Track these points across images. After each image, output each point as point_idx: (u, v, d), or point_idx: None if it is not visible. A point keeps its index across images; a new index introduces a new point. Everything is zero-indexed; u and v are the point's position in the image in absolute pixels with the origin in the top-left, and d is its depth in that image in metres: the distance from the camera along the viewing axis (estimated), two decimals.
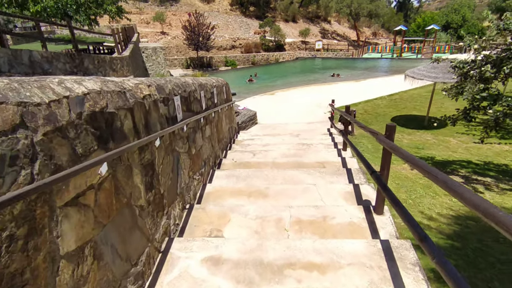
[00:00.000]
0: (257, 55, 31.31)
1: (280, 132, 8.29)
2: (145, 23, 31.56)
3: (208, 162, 4.34)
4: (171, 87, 2.96)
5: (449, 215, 3.38)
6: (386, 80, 16.15)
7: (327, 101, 11.99)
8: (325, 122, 9.32)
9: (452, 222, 3.21)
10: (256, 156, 5.50)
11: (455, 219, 3.26)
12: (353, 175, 4.13)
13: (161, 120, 2.60)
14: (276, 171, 4.32)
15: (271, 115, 10.45)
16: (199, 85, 4.12)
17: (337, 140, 6.72)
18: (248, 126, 9.13)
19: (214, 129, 4.97)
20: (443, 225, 3.19)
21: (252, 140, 7.06)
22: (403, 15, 56.72)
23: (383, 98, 11.95)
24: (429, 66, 7.78)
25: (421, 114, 9.78)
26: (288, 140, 6.91)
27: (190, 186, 3.37)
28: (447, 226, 3.16)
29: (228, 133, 6.60)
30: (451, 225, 3.15)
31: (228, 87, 7.15)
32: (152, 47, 19.03)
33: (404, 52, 30.98)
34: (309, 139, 6.94)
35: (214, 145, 4.88)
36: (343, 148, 5.53)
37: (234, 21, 37.58)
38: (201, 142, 4.00)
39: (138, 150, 2.12)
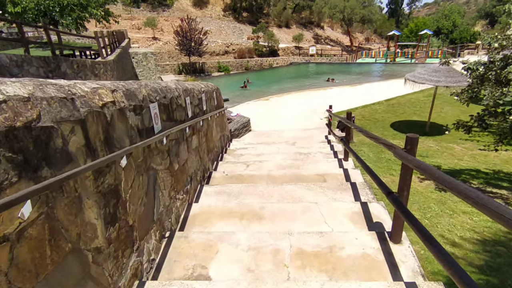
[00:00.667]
0: (251, 61, 31.00)
1: (275, 140, 7.83)
2: (137, 28, 31.08)
3: (195, 177, 3.85)
4: (146, 93, 2.48)
5: (474, 239, 2.94)
6: (382, 85, 15.88)
7: (323, 107, 11.61)
8: (322, 129, 8.90)
9: (479, 249, 2.77)
10: (250, 168, 5.01)
11: (482, 245, 2.83)
12: (359, 190, 3.67)
13: (131, 133, 2.11)
14: (271, 186, 3.84)
15: (266, 122, 10.01)
16: (184, 90, 3.64)
17: (336, 148, 6.28)
18: (242, 133, 8.66)
19: (202, 139, 4.49)
20: (470, 253, 2.75)
21: (246, 149, 6.59)
22: (395, 21, 57.34)
23: (381, 103, 11.62)
24: (430, 70, 7.44)
25: (421, 119, 9.43)
26: (284, 149, 6.45)
27: (171, 209, 2.86)
28: (475, 254, 2.72)
29: (219, 142, 6.12)
30: (479, 253, 2.71)
31: (219, 93, 6.69)
32: (143, 52, 18.53)
33: (398, 57, 31.00)
34: (306, 147, 6.49)
35: (202, 157, 4.39)
36: (344, 158, 5.08)
37: (227, 27, 37.34)
38: (186, 155, 3.51)
39: (93, 174, 1.63)
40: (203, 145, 4.52)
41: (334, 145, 6.48)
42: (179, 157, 3.22)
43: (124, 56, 13.71)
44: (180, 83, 3.80)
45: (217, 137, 5.86)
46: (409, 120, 9.40)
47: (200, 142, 4.30)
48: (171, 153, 2.97)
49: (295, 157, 5.61)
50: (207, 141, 4.86)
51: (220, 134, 6.31)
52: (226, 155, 6.00)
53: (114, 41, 13.09)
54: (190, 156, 3.67)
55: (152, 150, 2.50)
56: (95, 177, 1.65)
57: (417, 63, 28.32)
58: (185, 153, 3.49)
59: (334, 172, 4.42)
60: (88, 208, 1.58)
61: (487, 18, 52.68)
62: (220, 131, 6.37)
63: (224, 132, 7.00)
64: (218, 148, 5.89)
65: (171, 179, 2.92)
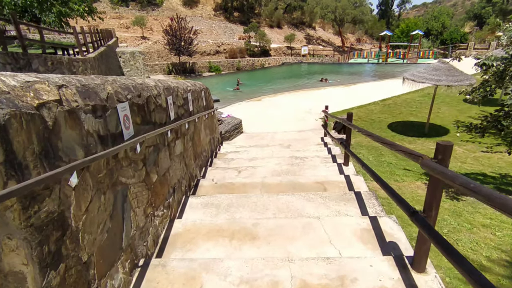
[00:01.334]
0: (242, 61, 30.54)
1: (269, 142, 7.40)
2: (125, 27, 30.29)
3: (179, 187, 3.38)
4: (113, 90, 2.01)
5: (504, 261, 2.56)
6: (377, 85, 15.63)
7: (318, 107, 11.24)
8: (317, 130, 8.52)
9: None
10: (242, 175, 4.56)
11: None
12: (365, 200, 3.26)
13: (88, 141, 1.65)
14: (266, 197, 3.40)
15: (258, 123, 9.57)
16: (165, 88, 3.17)
17: (334, 151, 5.88)
18: (233, 136, 8.20)
19: (188, 144, 4.02)
20: (504, 279, 2.36)
21: (237, 153, 6.13)
22: (385, 22, 57.75)
23: (376, 103, 11.31)
24: (430, 68, 7.12)
25: (419, 120, 9.14)
26: (278, 152, 6.02)
27: (147, 230, 2.39)
28: (509, 280, 2.33)
29: (208, 146, 5.65)
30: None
31: (208, 92, 6.22)
32: (130, 51, 17.90)
33: (389, 57, 31.00)
34: (302, 150, 6.07)
35: (188, 163, 3.92)
36: (344, 163, 4.68)
37: (218, 26, 36.81)
38: (167, 163, 3.04)
39: (20, 202, 1.16)
40: (189, 150, 4.05)
41: (331, 148, 6.08)
42: (158, 166, 2.75)
43: (109, 55, 13.10)
44: (161, 81, 3.33)
45: (206, 140, 5.39)
46: (406, 121, 9.09)
47: (185, 147, 3.83)
48: (147, 162, 2.50)
49: (291, 162, 5.19)
50: (194, 146, 4.39)
51: (209, 137, 5.85)
52: (216, 159, 5.53)
53: (98, 39, 12.48)
54: (173, 164, 3.20)
55: (120, 161, 2.04)
56: (23, 205, 1.18)
57: (409, 63, 28.33)
58: (167, 161, 3.02)
59: (335, 179, 4.00)
60: (9, 251, 1.11)
61: (475, 19, 53.45)
62: (209, 134, 5.91)
63: (214, 135, 6.53)
64: (207, 152, 5.43)
65: (147, 193, 2.45)
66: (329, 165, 4.75)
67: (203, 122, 5.35)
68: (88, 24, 22.45)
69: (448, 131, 7.97)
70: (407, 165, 5.56)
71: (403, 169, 5.25)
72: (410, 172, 5.12)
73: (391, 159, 5.95)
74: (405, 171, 5.14)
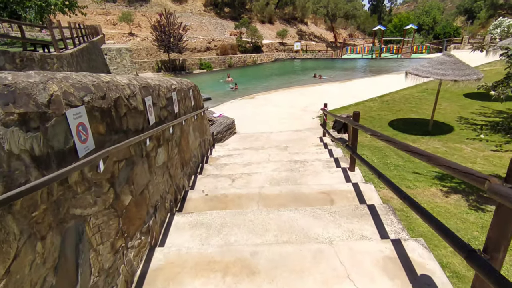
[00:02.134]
0: (234, 57, 29.89)
1: (264, 144, 6.90)
2: (112, 24, 29.28)
3: (162, 204, 2.85)
4: (60, 91, 1.48)
5: None
6: (373, 80, 15.23)
7: (314, 105, 10.78)
8: (314, 129, 8.05)
9: None
10: (236, 184, 4.06)
11: None
12: (381, 216, 2.79)
13: (9, 166, 1.12)
14: (265, 213, 2.91)
15: (252, 123, 9.05)
16: (142, 87, 2.64)
17: (336, 154, 5.42)
18: (225, 137, 7.68)
19: (174, 151, 3.49)
20: None
21: (231, 156, 5.61)
22: (377, 17, 57.62)
23: (374, 100, 10.90)
24: (435, 62, 6.69)
25: (420, 117, 8.75)
26: (276, 156, 5.53)
27: (116, 270, 1.87)
28: None
29: (198, 150, 5.12)
30: None
31: (197, 91, 5.68)
32: (116, 48, 17.13)
33: (383, 52, 30.75)
34: (301, 153, 5.59)
35: (174, 174, 3.39)
36: (350, 168, 4.21)
37: (208, 22, 36.00)
38: (146, 177, 2.51)
39: None
40: (175, 159, 3.52)
41: (332, 150, 5.61)
42: (133, 184, 2.23)
43: (93, 52, 12.36)
44: (138, 78, 2.78)
45: (195, 144, 4.86)
46: (407, 118, 8.69)
47: (170, 155, 3.30)
48: (117, 182, 1.97)
49: (290, 167, 4.70)
50: (181, 152, 3.86)
51: (199, 140, 5.32)
52: (207, 165, 5.00)
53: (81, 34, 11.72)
54: (153, 178, 2.68)
55: (73, 187, 1.51)
56: None
57: (403, 58, 28.11)
58: (145, 176, 2.49)
59: (342, 189, 3.53)
60: None
61: (465, 14, 53.68)
62: (199, 136, 5.37)
63: (204, 137, 6.00)
64: (197, 157, 4.90)
65: (117, 221, 1.93)
66: (333, 171, 4.27)
67: (192, 124, 4.81)
68: (73, 21, 21.52)
69: (452, 128, 7.59)
70: (415, 168, 5.13)
71: (413, 172, 4.81)
72: (421, 176, 4.68)
73: (397, 160, 5.52)
74: (415, 175, 4.70)
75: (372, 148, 6.30)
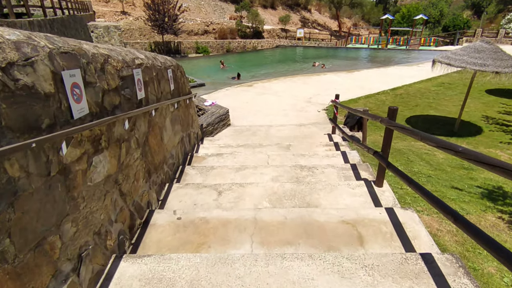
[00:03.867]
0: (233, 42, 28.37)
1: (262, 140, 5.81)
2: (104, 1, 27.51)
3: (97, 246, 1.78)
4: None
5: None
6: (382, 71, 14.05)
7: (318, 96, 9.66)
8: (321, 124, 6.97)
9: None
10: (223, 199, 2.99)
11: None
12: (446, 277, 1.75)
13: None
14: (263, 263, 1.87)
15: (249, 114, 7.94)
16: (58, 53, 1.52)
17: (351, 157, 4.36)
18: (217, 129, 6.57)
19: (133, 155, 2.39)
20: None
21: (221, 156, 4.52)
22: (382, 8, 55.84)
23: (386, 92, 9.78)
24: (471, 49, 5.57)
25: (441, 114, 7.69)
26: (276, 157, 4.45)
27: None
28: None
29: (179, 148, 4.02)
30: None
31: (181, 72, 4.53)
32: (104, 26, 15.71)
33: (389, 44, 29.41)
34: (308, 155, 4.51)
35: (130, 190, 2.30)
36: (377, 182, 3.16)
37: (207, 4, 34.18)
38: (57, 211, 1.43)
39: None
40: (135, 166, 2.42)
41: (347, 153, 4.54)
42: (19, 235, 1.13)
43: (72, 26, 11.02)
44: (56, 38, 1.64)
45: (173, 141, 3.76)
46: (426, 115, 7.61)
47: (124, 163, 2.20)
48: None
49: (295, 175, 3.64)
50: (148, 155, 2.76)
51: (181, 134, 4.21)
52: (189, 168, 3.92)
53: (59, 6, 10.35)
54: (78, 209, 1.59)
55: None
56: None
57: (410, 49, 26.88)
58: (53, 210, 1.40)
59: (373, 216, 2.48)
60: None
61: (473, 8, 52.04)
62: (181, 130, 4.27)
63: (189, 130, 4.89)
64: (175, 158, 3.81)
65: None
66: (354, 185, 3.21)
67: (171, 114, 3.70)
68: None
69: (481, 129, 6.55)
70: (451, 179, 4.10)
71: (451, 187, 3.77)
72: (464, 193, 3.64)
73: (425, 168, 4.48)
74: (456, 191, 3.66)
75: (392, 151, 5.24)
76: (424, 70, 13.78)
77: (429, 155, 5.18)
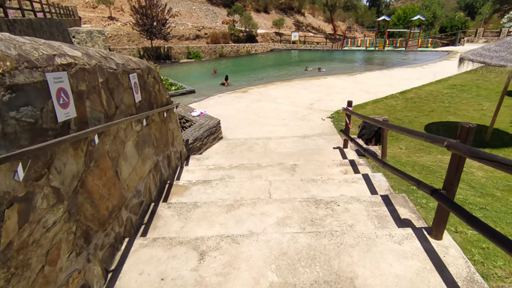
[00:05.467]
0: (226, 46, 27.45)
1: (260, 158, 4.79)
2: (91, 7, 26.48)
3: None
4: None
5: None
6: (385, 74, 13.17)
7: (320, 101, 8.70)
8: (328, 135, 5.99)
9: None
10: (206, 269, 1.98)
11: None
12: None
13: None
14: None
15: (244, 124, 6.94)
16: None
17: (378, 184, 3.37)
18: (206, 144, 5.55)
19: (41, 222, 1.34)
20: None
21: (208, 184, 3.49)
22: (376, 11, 55.75)
23: (395, 97, 8.86)
24: (508, 44, 4.67)
25: (464, 121, 6.73)
26: (280, 185, 3.44)
27: None
28: None
29: (150, 180, 2.99)
30: None
31: (154, 78, 3.51)
32: (86, 30, 14.67)
33: (386, 46, 28.79)
34: (320, 179, 3.51)
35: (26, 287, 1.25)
36: (434, 232, 2.17)
37: (199, 9, 33.33)
38: None
39: None
40: (47, 238, 1.38)
41: (369, 175, 3.55)
42: None
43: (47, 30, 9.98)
44: None
45: (140, 172, 2.72)
46: (446, 122, 6.67)
47: (7, 247, 1.16)
48: None
49: (310, 216, 2.64)
50: (88, 206, 1.73)
51: (154, 160, 3.18)
52: (163, 207, 2.88)
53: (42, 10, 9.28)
54: None
55: None
56: None
57: (409, 50, 26.25)
58: None
59: None
60: None
61: (466, 9, 52.04)
62: (155, 154, 3.24)
63: (168, 151, 3.86)
64: (145, 194, 2.77)
65: None
66: (398, 236, 2.21)
67: (135, 135, 2.67)
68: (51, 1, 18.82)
69: None
70: (509, 208, 3.12)
71: None
72: None
73: (470, 193, 3.50)
74: None
75: (417, 166, 4.27)
76: (430, 72, 12.95)
77: (466, 173, 4.21)
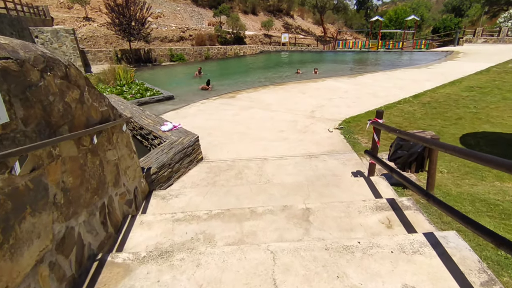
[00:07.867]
0: (212, 48, 25.98)
1: (254, 196, 3.32)
2: (66, 7, 24.60)
3: None
4: None
5: None
6: (390, 75, 11.94)
7: (323, 107, 7.30)
8: (341, 154, 4.59)
9: None
10: None
11: None
12: None
13: None
14: None
15: (231, 139, 5.48)
16: None
17: (460, 257, 1.93)
18: (179, 172, 4.04)
19: None
20: None
21: (167, 262, 1.99)
22: (364, 14, 55.53)
23: (409, 101, 7.59)
24: None
25: (504, 130, 5.47)
26: (289, 261, 1.98)
27: None
28: None
29: (43, 274, 1.46)
30: None
31: (69, 77, 1.99)
32: (52, 30, 12.95)
33: (379, 47, 27.98)
34: (358, 249, 2.06)
35: None
36: None
37: (183, 10, 31.79)
38: None
39: None
40: None
41: (436, 235, 2.13)
42: None
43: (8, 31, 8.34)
44: None
45: (22, 267, 1.19)
46: (483, 133, 5.38)
47: None
48: None
49: None
50: None
51: (56, 230, 1.65)
52: None
53: None
54: None
55: None
56: None
57: (404, 51, 25.47)
58: None
59: None
60: None
61: (453, 11, 52.18)
62: (60, 219, 1.72)
63: (105, 197, 2.34)
64: None
65: None
66: None
67: None
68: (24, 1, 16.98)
69: None
70: None
71: None
72: None
73: None
74: None
75: (481, 205, 2.90)
76: (438, 73, 11.80)
77: None
